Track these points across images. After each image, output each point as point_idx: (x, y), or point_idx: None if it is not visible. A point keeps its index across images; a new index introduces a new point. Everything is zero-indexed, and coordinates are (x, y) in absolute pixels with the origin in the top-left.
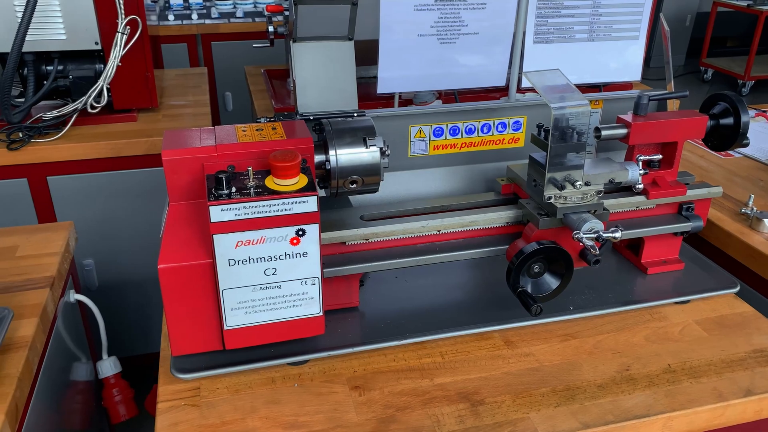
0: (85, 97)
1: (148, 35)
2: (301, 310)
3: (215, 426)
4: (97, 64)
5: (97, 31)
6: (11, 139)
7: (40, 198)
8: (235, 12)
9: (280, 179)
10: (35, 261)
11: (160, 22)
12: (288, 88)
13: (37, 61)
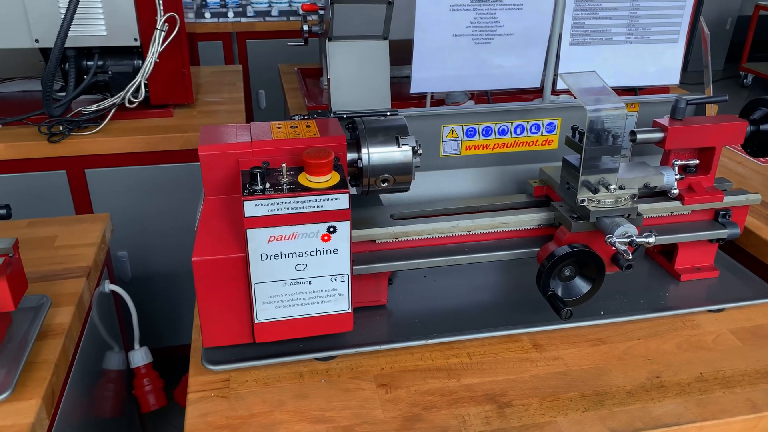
0: (123, 92)
1: (186, 32)
2: (330, 306)
3: (244, 418)
4: (136, 60)
5: (136, 28)
6: (52, 132)
7: (78, 190)
8: (271, 10)
9: (312, 176)
10: (73, 251)
11: (197, 19)
12: (321, 86)
13: (79, 56)
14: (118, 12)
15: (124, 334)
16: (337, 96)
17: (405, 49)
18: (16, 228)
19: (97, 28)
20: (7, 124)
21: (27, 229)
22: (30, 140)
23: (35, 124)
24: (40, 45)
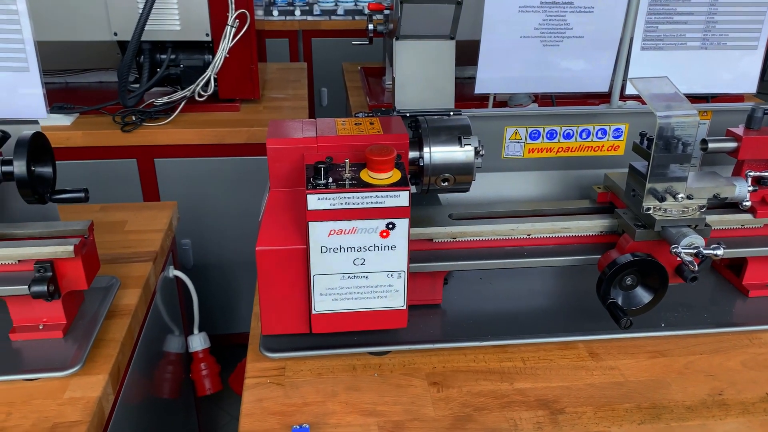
0: (193, 86)
1: (255, 29)
2: (386, 302)
3: (297, 406)
4: (206, 54)
5: (208, 23)
6: (125, 121)
7: (147, 178)
8: (336, 9)
9: (374, 173)
10: (141, 236)
11: (266, 17)
12: (383, 85)
13: (153, 50)
14: (191, 8)
15: (185, 319)
16: (401, 94)
17: (468, 49)
18: (89, 211)
19: (171, 23)
20: (84, 113)
21: (99, 213)
22: (104, 129)
23: (110, 113)
24: (118, 38)
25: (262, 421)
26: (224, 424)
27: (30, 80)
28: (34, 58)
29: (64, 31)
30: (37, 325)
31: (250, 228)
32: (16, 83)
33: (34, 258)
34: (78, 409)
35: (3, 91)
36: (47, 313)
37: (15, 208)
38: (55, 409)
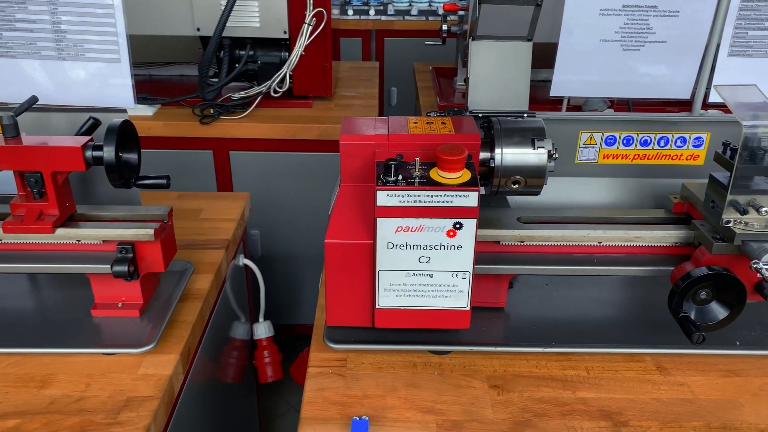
0: (269, 82)
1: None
2: (450, 302)
3: (358, 398)
4: (283, 52)
5: (286, 21)
6: (204, 114)
7: (222, 169)
8: (411, 10)
9: (444, 172)
10: (215, 224)
11: (341, 16)
12: (454, 86)
13: (233, 45)
14: (271, 6)
15: (251, 307)
16: (474, 94)
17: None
18: (168, 199)
19: (251, 20)
20: (165, 105)
21: (177, 201)
22: (184, 120)
23: (189, 106)
24: (201, 33)
25: (322, 410)
26: (282, 412)
27: (121, 71)
28: (125, 51)
29: (150, 25)
30: (117, 303)
31: (317, 222)
32: (108, 74)
33: (117, 239)
34: (150, 385)
35: (96, 80)
36: (126, 293)
37: (101, 192)
38: (130, 384)
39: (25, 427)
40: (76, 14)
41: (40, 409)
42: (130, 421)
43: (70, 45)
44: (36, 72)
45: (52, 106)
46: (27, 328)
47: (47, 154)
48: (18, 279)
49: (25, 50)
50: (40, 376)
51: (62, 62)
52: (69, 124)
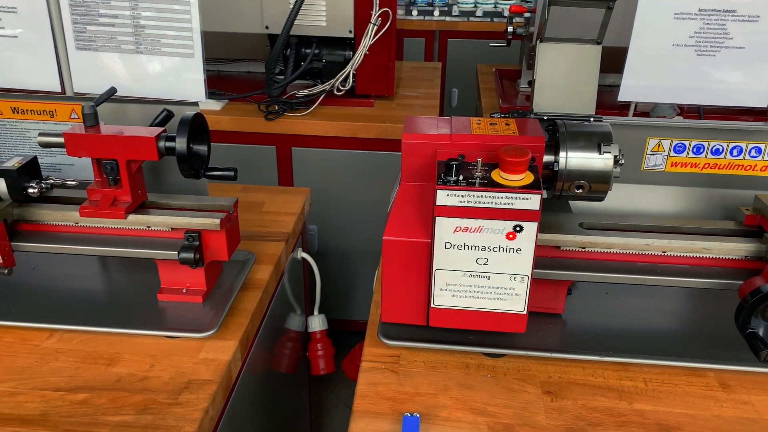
0: (333, 80)
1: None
2: (506, 305)
3: (410, 395)
4: (347, 51)
5: (352, 20)
6: (269, 110)
7: (283, 164)
8: (476, 11)
9: (506, 173)
10: (276, 217)
11: (405, 16)
12: (517, 88)
13: (299, 44)
14: (338, 5)
15: (306, 300)
16: (540, 97)
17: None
18: (232, 191)
19: (318, 19)
20: (232, 100)
21: (241, 193)
22: (249, 116)
23: (256, 102)
24: (269, 31)
25: (375, 404)
26: (332, 406)
27: (194, 66)
28: (199, 46)
29: (222, 22)
30: (181, 288)
31: (373, 220)
32: (182, 68)
33: (185, 227)
34: (210, 369)
35: (170, 74)
36: (190, 279)
37: (171, 181)
38: (191, 367)
39: (93, 401)
40: (154, 10)
41: (107, 386)
42: (190, 402)
43: (148, 39)
44: (115, 64)
45: (129, 98)
46: (97, 308)
47: (123, 143)
48: (91, 261)
49: (107, 44)
50: (108, 354)
51: (140, 56)
52: (144, 115)
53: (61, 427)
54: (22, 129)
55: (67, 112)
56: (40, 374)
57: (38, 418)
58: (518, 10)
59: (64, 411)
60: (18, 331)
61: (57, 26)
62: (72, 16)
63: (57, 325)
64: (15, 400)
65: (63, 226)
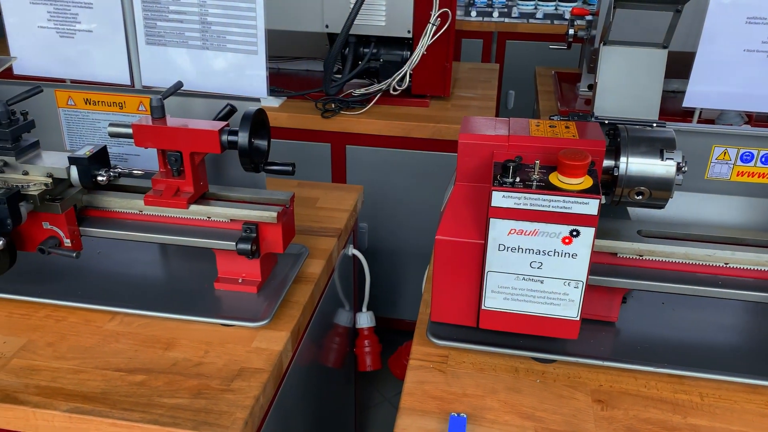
0: (390, 80)
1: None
2: (559, 310)
3: (457, 395)
4: (405, 51)
5: (411, 21)
6: (325, 108)
7: (337, 162)
8: (536, 13)
9: (565, 177)
10: (329, 213)
11: (464, 17)
12: (576, 92)
13: (357, 43)
14: (397, 5)
15: (355, 296)
16: (601, 100)
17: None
18: (288, 186)
19: (378, 19)
20: (291, 98)
21: (296, 188)
22: (306, 113)
23: (313, 100)
24: (329, 30)
25: (421, 402)
26: (377, 403)
27: (257, 63)
28: (263, 44)
29: (283, 21)
30: (237, 279)
31: (424, 220)
32: (246, 64)
33: (243, 219)
34: (262, 358)
35: (234, 70)
36: (246, 270)
37: (231, 174)
38: (244, 355)
39: (150, 383)
40: (222, 7)
41: (164, 369)
42: (242, 389)
43: (214, 36)
44: (182, 60)
45: (194, 92)
46: (157, 294)
47: (187, 135)
48: (152, 248)
49: (175, 39)
50: (165, 338)
51: (206, 52)
52: (208, 110)
53: (119, 406)
54: (93, 119)
55: (135, 104)
56: (102, 354)
57: (99, 395)
58: (580, 13)
59: (123, 391)
60: (82, 312)
61: (129, 22)
62: (144, 12)
63: (119, 309)
64: (78, 377)
65: (128, 214)
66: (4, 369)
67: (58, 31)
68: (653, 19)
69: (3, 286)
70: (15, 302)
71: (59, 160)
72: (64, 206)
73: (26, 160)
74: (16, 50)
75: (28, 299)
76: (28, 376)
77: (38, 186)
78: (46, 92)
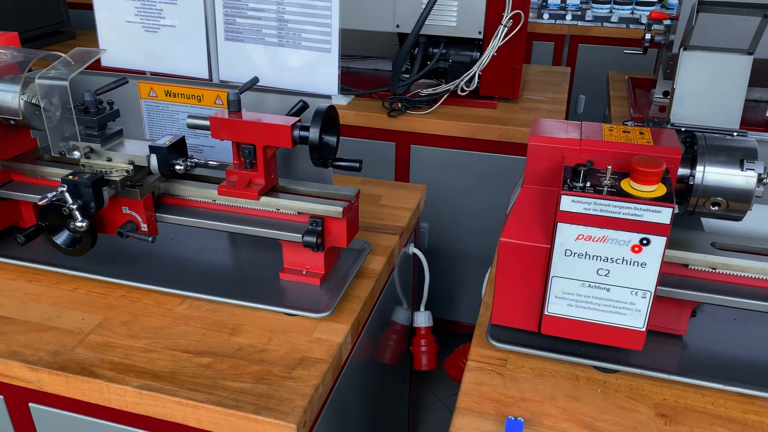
0: (458, 81)
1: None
2: (624, 320)
3: (515, 399)
4: (475, 52)
5: (482, 22)
6: (392, 107)
7: (401, 161)
8: (611, 16)
9: (637, 183)
10: (392, 211)
11: (536, 19)
12: (650, 98)
13: (427, 43)
14: (469, 6)
15: (414, 295)
16: (678, 107)
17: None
18: (352, 182)
19: (449, 19)
20: (358, 96)
21: (360, 185)
22: (373, 112)
23: (380, 98)
24: (399, 30)
25: (478, 403)
26: (430, 403)
27: (330, 61)
28: (336, 42)
29: (355, 20)
30: (302, 270)
31: (486, 222)
32: (319, 62)
33: (310, 213)
34: (323, 349)
35: (307, 67)
36: (311, 262)
37: (300, 168)
38: (305, 345)
39: (215, 366)
40: (298, 5)
41: (229, 353)
42: (302, 378)
43: (290, 33)
44: (258, 56)
45: (269, 88)
46: (224, 280)
47: (261, 129)
48: (222, 236)
49: (252, 36)
50: (231, 324)
51: (281, 48)
52: (281, 105)
53: (186, 386)
54: (173, 111)
55: (213, 97)
56: (171, 336)
57: (168, 375)
58: (659, 17)
59: (190, 372)
60: (155, 295)
61: (210, 18)
62: (224, 8)
63: (189, 293)
64: (149, 356)
65: (202, 203)
66: (82, 344)
67: (143, 25)
68: (737, 24)
69: (84, 266)
70: (94, 281)
71: (140, 149)
72: (143, 192)
73: (110, 147)
74: (105, 43)
75: (106, 279)
76: (103, 352)
77: (120, 172)
78: (130, 84)
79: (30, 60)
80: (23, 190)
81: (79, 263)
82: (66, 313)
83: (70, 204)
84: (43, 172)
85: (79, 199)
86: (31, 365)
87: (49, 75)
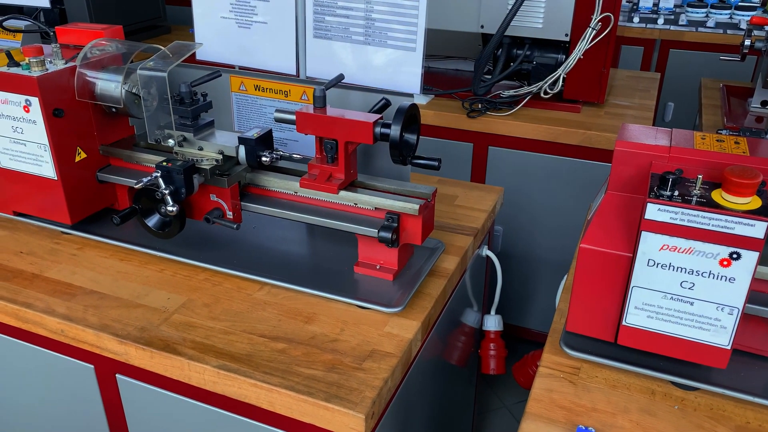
0: (541, 83)
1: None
2: (708, 336)
3: (586, 409)
4: (560, 54)
5: (570, 24)
6: (472, 108)
7: (478, 162)
8: (707, 21)
9: (730, 195)
10: (467, 212)
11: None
12: (747, 108)
13: (511, 44)
14: (557, 7)
15: (485, 298)
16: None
17: None
18: (429, 181)
19: (535, 20)
20: (438, 96)
21: (437, 184)
22: (452, 112)
23: (460, 99)
24: (484, 30)
25: (548, 410)
26: (495, 408)
27: (414, 60)
28: (421, 42)
29: (440, 20)
30: (376, 265)
31: (562, 228)
32: (403, 61)
33: (387, 209)
34: (393, 344)
35: (392, 66)
36: (385, 257)
37: (379, 165)
38: (376, 338)
39: (290, 351)
40: (386, 5)
41: (303, 340)
42: (372, 370)
43: (377, 32)
44: (345, 53)
45: (353, 85)
46: (301, 270)
47: (344, 125)
48: (301, 227)
49: (340, 33)
50: (306, 312)
51: (367, 47)
52: (364, 102)
53: (261, 369)
54: (261, 105)
55: (299, 93)
56: (250, 320)
57: (244, 357)
58: (761, 22)
59: (266, 355)
60: (236, 280)
61: (300, 16)
62: (314, 6)
63: (267, 280)
64: (228, 338)
65: (284, 194)
66: (166, 322)
67: (237, 21)
68: None
69: (172, 249)
70: (180, 264)
71: (230, 140)
72: (231, 181)
73: (202, 137)
74: (201, 37)
75: (191, 262)
76: (185, 331)
77: (210, 161)
78: (222, 77)
79: (132, 52)
80: (120, 174)
81: (167, 246)
82: (153, 292)
83: (163, 189)
84: (139, 158)
85: (171, 185)
86: (120, 339)
87: (149, 66)
